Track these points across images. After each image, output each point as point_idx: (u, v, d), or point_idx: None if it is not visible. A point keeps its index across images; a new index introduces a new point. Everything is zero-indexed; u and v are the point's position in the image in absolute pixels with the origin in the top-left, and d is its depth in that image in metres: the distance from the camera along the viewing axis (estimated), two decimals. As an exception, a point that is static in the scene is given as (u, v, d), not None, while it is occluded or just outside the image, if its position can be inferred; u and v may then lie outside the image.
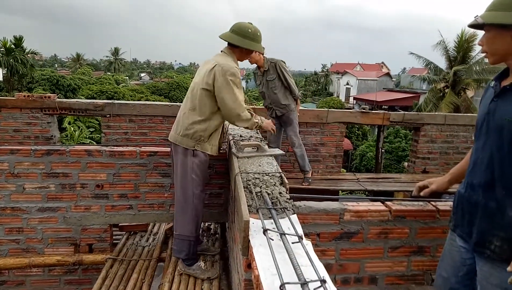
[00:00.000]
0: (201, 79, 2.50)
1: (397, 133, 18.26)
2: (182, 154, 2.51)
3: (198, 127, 2.48)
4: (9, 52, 23.67)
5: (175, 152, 2.59)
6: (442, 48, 19.05)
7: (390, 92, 38.10)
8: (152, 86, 34.52)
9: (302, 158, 4.84)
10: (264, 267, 1.19)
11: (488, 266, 1.54)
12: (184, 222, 2.55)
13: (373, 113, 5.64)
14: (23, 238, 2.93)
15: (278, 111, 4.66)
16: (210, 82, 2.42)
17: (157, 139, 5.27)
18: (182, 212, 2.55)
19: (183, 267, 2.62)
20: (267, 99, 4.69)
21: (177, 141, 2.53)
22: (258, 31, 2.55)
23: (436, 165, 5.72)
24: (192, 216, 2.54)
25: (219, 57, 2.55)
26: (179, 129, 2.53)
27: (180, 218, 2.57)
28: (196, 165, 2.50)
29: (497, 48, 1.50)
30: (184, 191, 2.52)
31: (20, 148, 2.84)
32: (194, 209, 2.54)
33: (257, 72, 4.67)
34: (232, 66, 2.44)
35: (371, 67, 56.12)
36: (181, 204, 2.54)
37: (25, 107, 4.96)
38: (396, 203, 2.12)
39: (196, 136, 2.48)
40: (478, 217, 1.57)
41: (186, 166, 2.49)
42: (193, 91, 2.55)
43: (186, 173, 2.49)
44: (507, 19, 1.43)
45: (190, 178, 2.50)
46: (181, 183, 2.52)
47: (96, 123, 17.18)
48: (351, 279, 2.10)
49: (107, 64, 64.56)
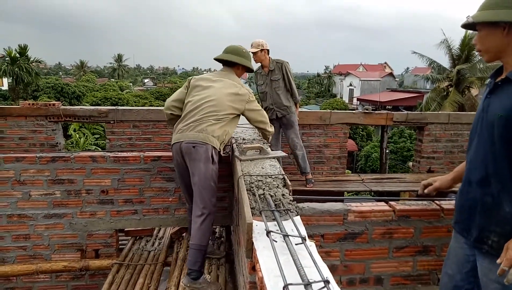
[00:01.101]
0: (226, 101, 2.63)
1: (401, 133, 18.20)
2: (200, 162, 2.47)
3: (222, 131, 2.59)
4: (14, 61, 23.92)
5: (191, 159, 2.51)
6: (446, 46, 18.97)
7: (393, 92, 38.01)
8: (156, 91, 34.72)
9: (303, 160, 4.85)
10: (267, 269, 1.20)
11: (487, 262, 1.55)
12: (202, 232, 2.48)
13: (376, 114, 5.63)
14: (30, 245, 2.96)
15: (279, 112, 4.65)
16: (241, 107, 2.70)
17: (161, 144, 5.30)
18: (200, 221, 2.48)
19: (189, 282, 2.51)
20: (268, 100, 4.67)
21: (199, 138, 2.49)
22: (248, 51, 2.96)
23: (441, 164, 5.69)
24: (209, 225, 2.50)
25: (231, 76, 2.80)
26: (202, 128, 2.53)
27: (198, 228, 2.49)
28: (215, 173, 2.51)
29: (490, 46, 1.53)
30: (202, 200, 2.47)
31: (25, 156, 2.87)
32: (212, 218, 2.51)
33: (261, 71, 4.67)
34: (248, 89, 2.81)
35: (374, 67, 56.03)
36: (200, 212, 2.48)
37: (30, 115, 5.01)
38: (400, 202, 2.12)
39: (221, 139, 2.58)
40: (476, 214, 1.59)
41: (205, 174, 2.46)
42: (216, 106, 2.61)
43: (205, 182, 2.46)
44: (495, 17, 1.47)
45: (209, 186, 2.48)
46: (199, 192, 2.47)
47: (101, 130, 17.27)
48: (357, 280, 2.09)
49: (111, 70, 65.08)
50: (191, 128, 2.54)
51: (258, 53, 4.47)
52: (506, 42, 1.49)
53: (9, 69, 23.44)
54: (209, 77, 2.81)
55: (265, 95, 4.69)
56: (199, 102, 2.61)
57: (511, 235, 1.46)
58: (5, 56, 24.34)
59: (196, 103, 2.62)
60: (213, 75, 2.84)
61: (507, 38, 1.48)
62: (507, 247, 1.43)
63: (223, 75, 2.79)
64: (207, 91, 2.67)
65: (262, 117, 2.85)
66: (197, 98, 2.65)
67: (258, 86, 4.79)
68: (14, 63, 23.81)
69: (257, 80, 4.77)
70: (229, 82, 2.74)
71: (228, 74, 2.80)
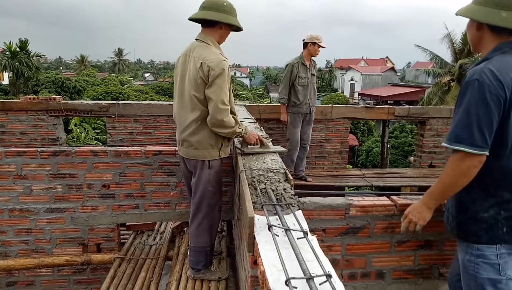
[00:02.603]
0: (190, 82, 2.28)
1: (402, 128, 18.15)
2: (196, 167, 2.40)
3: (211, 137, 2.34)
4: (14, 55, 23.88)
5: (188, 165, 2.47)
6: (448, 41, 18.86)
7: (395, 86, 37.83)
8: (156, 86, 34.63)
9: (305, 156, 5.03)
10: (269, 263, 1.20)
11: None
12: (199, 233, 2.47)
13: (378, 108, 5.62)
14: (32, 239, 2.97)
15: (312, 108, 4.83)
16: (201, 87, 2.22)
17: (162, 139, 5.30)
18: (197, 224, 2.47)
19: (192, 273, 2.54)
20: (306, 95, 4.73)
21: (191, 155, 2.38)
22: (232, 4, 2.33)
23: (442, 159, 5.68)
24: (207, 227, 2.47)
25: (200, 49, 2.28)
26: (190, 144, 2.36)
27: (195, 230, 2.48)
28: (212, 177, 2.40)
29: (470, 38, 1.70)
30: (199, 204, 2.44)
31: (27, 150, 2.87)
32: (210, 220, 2.47)
33: (305, 64, 4.72)
34: (221, 60, 2.21)
35: (376, 62, 55.81)
36: (196, 216, 2.47)
37: (31, 109, 5.01)
38: (401, 197, 2.12)
39: (212, 144, 2.36)
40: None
41: (202, 179, 2.39)
42: (184, 97, 2.34)
43: (202, 186, 2.40)
44: (467, 13, 1.62)
45: (206, 190, 2.40)
46: (196, 195, 2.44)
47: (101, 124, 17.27)
48: (358, 274, 2.10)
49: (112, 65, 64.94)
50: (182, 143, 2.48)
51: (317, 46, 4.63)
52: (479, 37, 1.63)
53: (10, 64, 23.41)
54: (184, 54, 2.37)
55: (305, 89, 4.72)
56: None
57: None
58: (5, 50, 24.30)
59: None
60: (191, 50, 2.33)
61: (479, 33, 1.62)
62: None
63: (200, 49, 2.29)
64: (179, 80, 2.38)
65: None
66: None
67: (298, 78, 4.69)
68: (15, 57, 23.79)
69: (298, 72, 4.68)
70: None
71: (206, 47, 2.29)
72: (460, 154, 1.54)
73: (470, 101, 1.50)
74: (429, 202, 1.74)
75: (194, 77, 2.25)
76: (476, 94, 1.49)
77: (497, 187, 1.58)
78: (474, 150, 1.49)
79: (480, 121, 1.48)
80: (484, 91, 1.47)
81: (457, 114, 1.57)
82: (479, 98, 1.48)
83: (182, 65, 2.37)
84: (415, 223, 1.78)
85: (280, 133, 5.42)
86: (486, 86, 1.47)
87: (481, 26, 1.59)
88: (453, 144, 1.56)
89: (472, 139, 1.49)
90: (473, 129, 1.49)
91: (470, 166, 1.53)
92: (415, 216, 1.78)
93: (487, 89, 1.46)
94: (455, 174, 1.57)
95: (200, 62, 2.22)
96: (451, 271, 1.92)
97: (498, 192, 1.58)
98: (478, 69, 1.52)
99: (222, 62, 2.21)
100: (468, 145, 1.50)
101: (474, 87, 1.49)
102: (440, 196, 1.71)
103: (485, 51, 1.61)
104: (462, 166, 1.54)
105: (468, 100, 1.51)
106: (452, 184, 1.61)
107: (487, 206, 1.59)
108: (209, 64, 2.20)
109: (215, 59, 2.21)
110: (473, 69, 1.56)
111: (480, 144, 1.49)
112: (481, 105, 1.48)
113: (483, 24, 1.58)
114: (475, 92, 1.49)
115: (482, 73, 1.49)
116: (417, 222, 1.77)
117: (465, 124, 1.51)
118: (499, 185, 1.58)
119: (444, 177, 1.63)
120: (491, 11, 1.53)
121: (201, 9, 2.32)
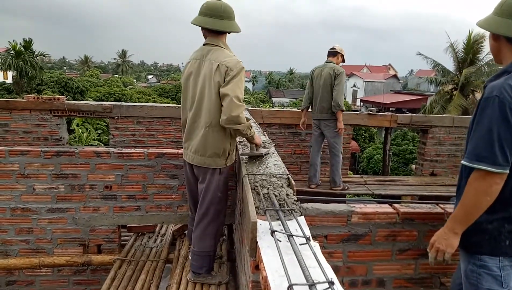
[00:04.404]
0: (203, 86, 2.30)
1: (404, 135, 18.14)
2: (206, 174, 2.40)
3: (227, 144, 2.36)
4: (19, 54, 23.97)
5: (196, 170, 2.47)
6: (452, 50, 18.87)
7: (397, 94, 37.85)
8: (159, 88, 34.68)
9: None
10: (272, 269, 1.20)
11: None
12: (205, 238, 2.47)
13: (380, 115, 5.62)
14: (33, 239, 2.97)
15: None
16: (215, 89, 2.25)
17: (164, 141, 5.31)
18: (203, 228, 2.46)
19: (193, 277, 2.53)
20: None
21: (205, 164, 2.36)
22: (230, 6, 2.36)
23: (444, 167, 5.68)
24: (213, 232, 2.48)
25: (215, 52, 2.32)
26: (205, 151, 2.35)
27: (201, 235, 2.47)
28: (222, 182, 2.42)
29: (490, 48, 1.68)
30: (207, 210, 2.44)
31: (30, 149, 2.88)
32: (216, 225, 2.48)
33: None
34: (239, 61, 2.28)
35: (378, 69, 55.91)
36: (202, 221, 2.46)
37: (35, 109, 5.03)
38: (404, 205, 2.11)
39: (226, 153, 2.38)
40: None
41: (212, 185, 2.39)
42: (196, 101, 2.35)
43: (211, 192, 2.40)
44: (483, 23, 1.63)
45: (215, 196, 2.41)
46: (205, 201, 2.43)
47: (104, 125, 17.31)
48: (359, 281, 2.09)
49: (115, 66, 65.11)
50: (194, 149, 2.45)
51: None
52: (497, 48, 1.62)
53: (14, 63, 23.50)
54: (195, 57, 2.40)
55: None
56: None
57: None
58: (10, 49, 24.41)
59: None
60: (203, 53, 2.36)
61: (496, 43, 1.62)
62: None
63: (216, 52, 2.33)
64: (192, 85, 2.41)
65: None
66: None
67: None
68: (19, 56, 23.87)
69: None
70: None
71: (220, 51, 2.34)
72: (481, 173, 1.50)
73: (491, 119, 1.47)
74: (455, 227, 1.64)
75: (209, 80, 2.29)
76: (496, 111, 1.46)
77: (505, 203, 1.56)
78: (497, 169, 1.46)
79: (502, 139, 1.45)
80: (505, 108, 1.44)
81: (476, 131, 1.53)
82: (499, 116, 1.45)
83: (195, 69, 2.38)
84: (443, 251, 1.68)
85: (283, 138, 5.43)
86: (508, 103, 1.44)
87: (498, 37, 1.58)
88: (474, 162, 1.51)
89: (494, 158, 1.46)
90: (495, 147, 1.45)
91: (492, 183, 1.49)
92: (442, 244, 1.67)
93: (508, 106, 1.44)
94: (478, 193, 1.52)
95: (217, 63, 2.26)
96: (453, 280, 1.91)
97: (505, 207, 1.57)
98: (498, 85, 1.49)
99: (240, 63, 2.28)
100: (490, 164, 1.47)
101: (495, 104, 1.46)
102: (464, 219, 1.61)
103: (505, 62, 1.60)
104: (484, 185, 1.50)
105: (489, 117, 1.48)
106: (475, 205, 1.54)
107: (492, 218, 1.58)
108: (227, 64, 2.25)
109: (232, 60, 2.28)
110: (492, 84, 1.53)
111: (502, 163, 1.46)
112: (502, 122, 1.45)
113: (500, 35, 1.57)
114: (496, 109, 1.46)
115: (502, 89, 1.46)
116: (445, 250, 1.67)
117: (486, 142, 1.48)
118: (506, 201, 1.56)
119: (466, 198, 1.57)
120: (507, 22, 1.52)
121: (203, 14, 2.31)
